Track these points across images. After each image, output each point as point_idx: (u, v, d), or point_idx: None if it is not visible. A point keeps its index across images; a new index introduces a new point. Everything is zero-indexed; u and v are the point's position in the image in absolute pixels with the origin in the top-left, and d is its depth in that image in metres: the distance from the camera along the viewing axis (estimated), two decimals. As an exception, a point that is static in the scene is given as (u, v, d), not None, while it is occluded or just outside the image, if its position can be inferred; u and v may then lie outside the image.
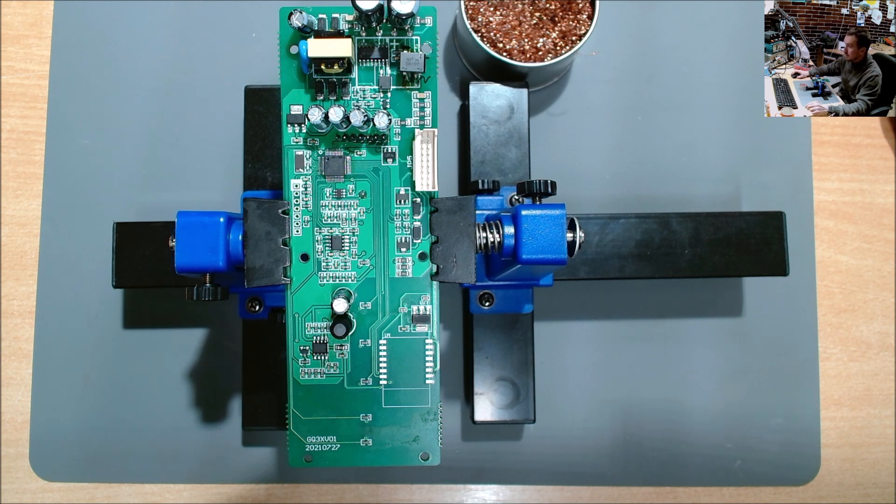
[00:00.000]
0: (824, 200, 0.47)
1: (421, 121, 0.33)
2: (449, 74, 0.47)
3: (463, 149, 0.46)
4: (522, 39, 0.42)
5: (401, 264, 0.33)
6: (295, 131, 0.33)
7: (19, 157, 0.46)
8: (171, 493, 0.44)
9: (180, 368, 0.44)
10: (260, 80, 0.44)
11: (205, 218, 0.32)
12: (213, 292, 0.32)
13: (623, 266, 0.41)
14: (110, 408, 0.44)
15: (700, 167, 0.46)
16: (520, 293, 0.41)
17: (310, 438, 0.33)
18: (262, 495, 0.44)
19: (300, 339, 0.33)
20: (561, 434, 0.45)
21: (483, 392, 0.42)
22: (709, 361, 0.45)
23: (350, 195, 0.33)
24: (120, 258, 0.40)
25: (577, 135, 0.46)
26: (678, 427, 0.45)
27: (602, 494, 0.45)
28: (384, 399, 0.34)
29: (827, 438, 0.45)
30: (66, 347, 0.44)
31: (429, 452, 0.34)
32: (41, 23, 0.47)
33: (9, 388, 0.45)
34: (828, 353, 0.46)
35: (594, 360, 0.45)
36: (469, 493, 0.45)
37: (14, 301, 0.45)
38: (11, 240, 0.45)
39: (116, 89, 0.46)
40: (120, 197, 0.45)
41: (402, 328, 0.34)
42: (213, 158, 0.45)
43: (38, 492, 0.44)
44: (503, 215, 0.34)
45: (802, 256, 0.46)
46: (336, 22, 0.32)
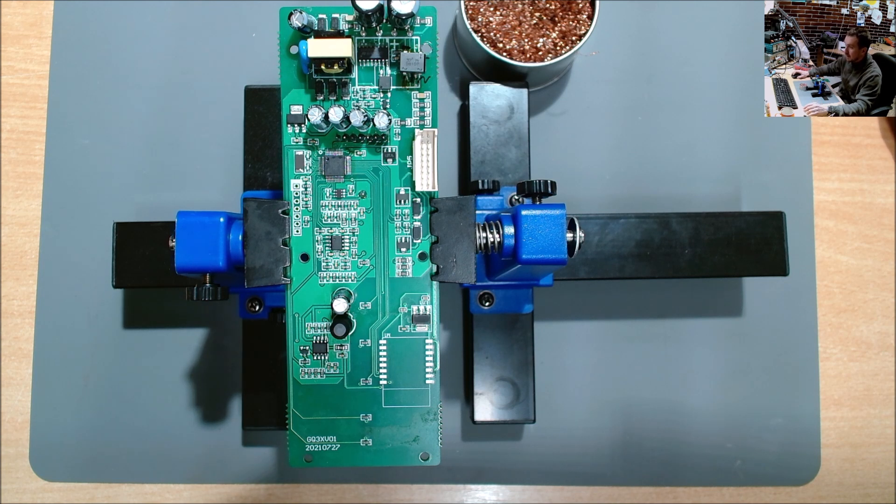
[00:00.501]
0: (824, 200, 0.47)
1: (421, 121, 0.33)
2: (449, 74, 0.47)
3: (463, 149, 0.46)
4: (522, 39, 0.42)
5: (401, 264, 0.33)
6: (295, 131, 0.33)
7: (19, 157, 0.46)
8: (171, 494, 0.44)
9: (180, 368, 0.44)
10: (260, 80, 0.44)
11: (205, 218, 0.32)
12: (213, 292, 0.32)
13: (623, 266, 0.41)
14: (110, 408, 0.44)
15: (700, 167, 0.46)
16: (520, 293, 0.41)
17: (310, 438, 0.33)
18: (262, 495, 0.44)
19: (300, 339, 0.33)
20: (561, 434, 0.45)
21: (483, 392, 0.42)
22: (709, 361, 0.45)
23: (350, 195, 0.33)
24: (120, 258, 0.40)
25: (577, 135, 0.46)
26: (678, 427, 0.45)
27: (602, 494, 0.45)
28: (384, 399, 0.34)
29: (827, 438, 0.45)
30: (66, 347, 0.44)
31: (429, 452, 0.34)
32: (41, 23, 0.47)
33: (9, 388, 0.45)
34: (828, 353, 0.46)
35: (594, 360, 0.45)
36: (469, 493, 0.45)
37: (14, 301, 0.45)
38: (11, 240, 0.45)
39: (116, 89, 0.46)
40: (120, 197, 0.45)
41: (402, 328, 0.34)
42: (213, 158, 0.45)
43: (38, 492, 0.44)
44: (503, 215, 0.34)
45: (802, 256, 0.46)
46: (336, 22, 0.32)
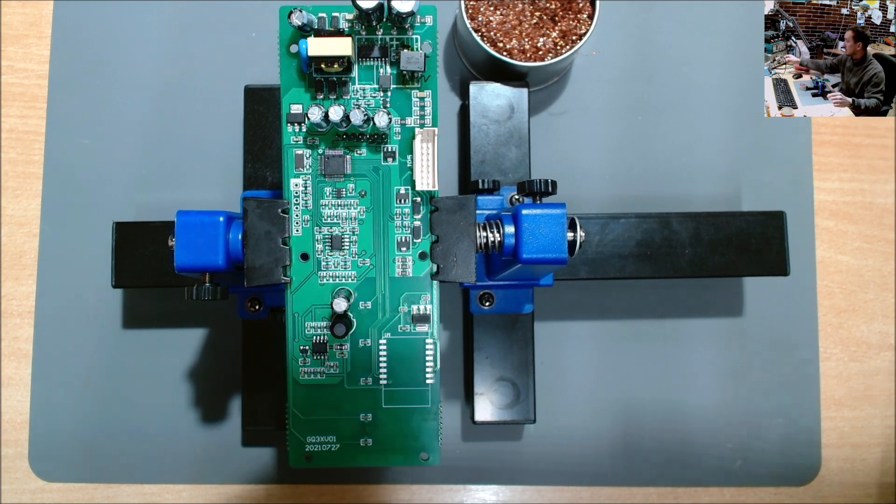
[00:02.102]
0: (825, 200, 0.47)
1: (421, 120, 0.33)
2: (449, 74, 0.47)
3: (463, 148, 0.46)
4: (523, 39, 0.42)
5: (401, 264, 0.33)
6: (295, 130, 0.33)
7: (19, 157, 0.46)
8: (170, 494, 0.44)
9: (180, 368, 0.44)
10: (260, 79, 0.44)
11: (204, 217, 0.32)
12: (212, 292, 0.32)
13: (623, 266, 0.41)
14: (110, 408, 0.44)
15: (700, 167, 0.46)
16: (520, 293, 0.41)
17: (310, 438, 0.33)
18: (262, 495, 0.44)
19: (300, 339, 0.33)
20: (561, 434, 0.45)
21: (483, 392, 0.41)
22: (709, 361, 0.45)
23: (350, 194, 0.33)
24: (119, 258, 0.40)
25: (577, 135, 0.46)
26: (678, 427, 0.45)
27: (602, 494, 0.45)
28: (384, 399, 0.33)
29: (827, 438, 0.45)
30: (65, 347, 0.44)
31: (429, 452, 0.34)
32: (41, 22, 0.47)
33: (8, 388, 0.45)
34: (828, 353, 0.46)
35: (594, 360, 0.45)
36: (469, 493, 0.45)
37: (13, 301, 0.45)
38: (11, 239, 0.45)
39: (116, 89, 0.46)
40: (119, 196, 0.45)
41: (402, 328, 0.33)
42: (213, 158, 0.45)
43: (37, 492, 0.44)
44: (503, 215, 0.34)
45: (803, 256, 0.46)
46: (336, 21, 0.32)
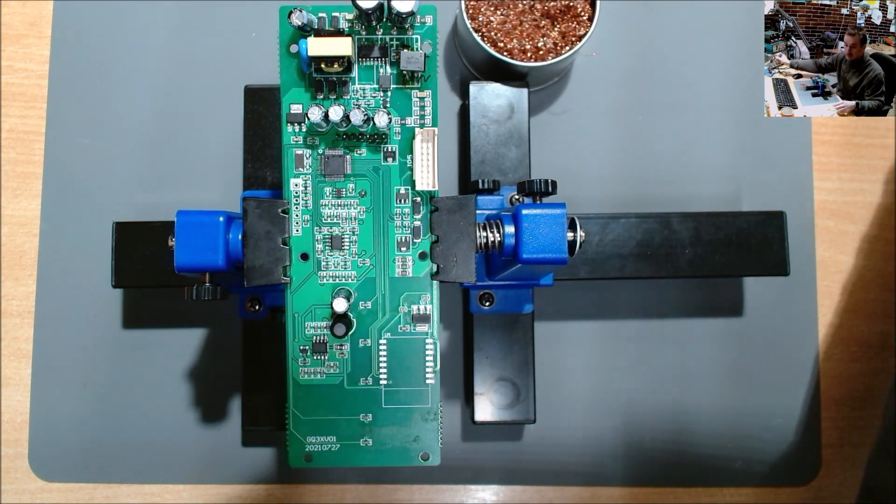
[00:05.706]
0: (825, 200, 0.47)
1: (421, 120, 0.33)
2: (449, 74, 0.47)
3: (463, 148, 0.46)
4: (523, 39, 0.42)
5: (401, 264, 0.33)
6: (295, 130, 0.33)
7: (18, 157, 0.46)
8: (170, 494, 0.44)
9: (180, 368, 0.44)
10: (260, 79, 0.44)
11: (204, 217, 0.32)
12: (212, 292, 0.32)
13: (623, 266, 0.41)
14: (110, 408, 0.44)
15: (700, 167, 0.46)
16: (520, 293, 0.41)
17: (309, 438, 0.33)
18: (262, 495, 0.44)
19: (300, 339, 0.33)
20: (561, 434, 0.45)
21: (483, 392, 0.41)
22: (709, 361, 0.45)
23: (350, 194, 0.33)
24: (119, 258, 0.40)
25: (578, 135, 0.46)
26: (678, 427, 0.45)
27: (602, 494, 0.44)
28: (384, 399, 0.33)
29: (827, 438, 0.45)
30: (65, 347, 0.44)
31: (429, 452, 0.34)
32: (41, 22, 0.47)
33: (8, 389, 0.45)
34: (828, 353, 0.46)
35: (594, 360, 0.45)
36: (469, 493, 0.45)
37: (13, 301, 0.45)
38: (10, 239, 0.45)
39: (116, 89, 0.46)
40: (119, 197, 0.45)
41: (402, 328, 0.33)
42: (213, 158, 0.45)
43: (37, 492, 0.44)
44: (503, 214, 0.34)
45: (803, 256, 0.46)
46: (336, 20, 0.32)
